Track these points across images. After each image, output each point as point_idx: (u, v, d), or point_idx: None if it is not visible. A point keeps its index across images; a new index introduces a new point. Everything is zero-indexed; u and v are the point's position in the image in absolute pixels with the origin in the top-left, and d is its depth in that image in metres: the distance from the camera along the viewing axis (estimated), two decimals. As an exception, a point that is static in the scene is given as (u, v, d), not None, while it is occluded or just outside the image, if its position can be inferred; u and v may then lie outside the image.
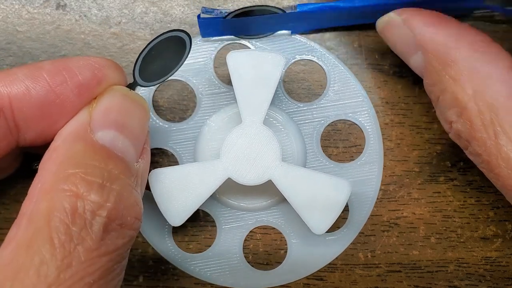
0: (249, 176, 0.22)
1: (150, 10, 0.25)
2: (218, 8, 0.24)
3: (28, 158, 0.23)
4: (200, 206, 0.24)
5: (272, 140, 0.22)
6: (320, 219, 0.22)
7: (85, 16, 0.25)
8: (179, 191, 0.22)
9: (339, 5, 0.24)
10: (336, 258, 0.25)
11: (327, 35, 0.26)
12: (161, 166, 0.25)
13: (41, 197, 0.17)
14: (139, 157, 0.20)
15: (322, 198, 0.22)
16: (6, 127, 0.19)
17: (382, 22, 0.23)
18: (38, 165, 0.18)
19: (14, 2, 0.25)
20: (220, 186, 0.23)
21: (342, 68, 0.25)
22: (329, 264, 0.25)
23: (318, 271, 0.25)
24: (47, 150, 0.18)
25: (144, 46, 0.20)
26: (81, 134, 0.19)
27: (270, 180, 0.22)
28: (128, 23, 0.25)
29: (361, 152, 0.25)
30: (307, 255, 0.25)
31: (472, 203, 0.25)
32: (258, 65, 0.22)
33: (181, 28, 0.22)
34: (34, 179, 0.18)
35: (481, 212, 0.25)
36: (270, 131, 0.22)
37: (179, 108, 0.25)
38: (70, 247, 0.16)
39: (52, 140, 0.19)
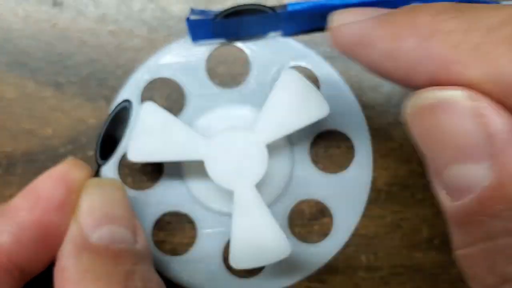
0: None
1: (147, 7, 0.25)
2: (207, 10, 0.24)
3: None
4: (179, 209, 0.24)
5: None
6: None
7: (81, 13, 0.25)
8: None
9: (331, 3, 0.23)
10: (338, 260, 0.25)
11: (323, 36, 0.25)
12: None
13: None
14: (136, 235, 0.20)
15: None
16: (16, 281, 0.19)
17: (422, 99, 0.13)
18: None
19: (9, -1, 0.25)
20: (202, 190, 0.24)
21: (336, 76, 0.25)
22: (331, 266, 0.25)
23: (320, 273, 0.25)
24: (55, 270, 0.18)
25: (100, 131, 0.22)
26: (80, 246, 0.18)
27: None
28: (125, 20, 0.25)
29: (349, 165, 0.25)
30: (288, 263, 0.24)
31: (477, 204, 0.25)
32: (149, 128, 0.22)
33: (126, 99, 0.24)
34: None
35: (486, 213, 0.25)
36: (217, 138, 0.22)
37: (177, 107, 0.25)
38: None
39: (53, 260, 0.19)
